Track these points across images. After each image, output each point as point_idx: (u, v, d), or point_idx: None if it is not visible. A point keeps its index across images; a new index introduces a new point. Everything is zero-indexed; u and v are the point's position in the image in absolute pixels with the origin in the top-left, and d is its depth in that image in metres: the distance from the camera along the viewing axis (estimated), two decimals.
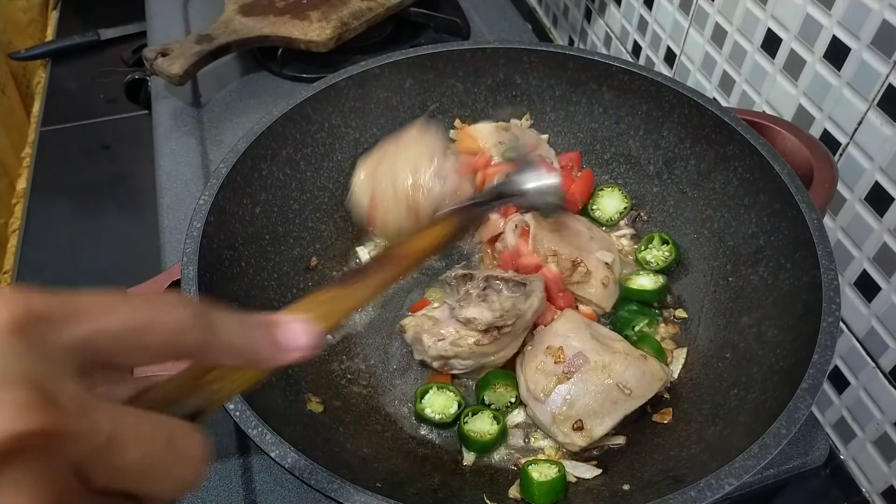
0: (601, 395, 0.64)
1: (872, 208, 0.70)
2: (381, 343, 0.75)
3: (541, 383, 0.65)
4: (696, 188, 0.79)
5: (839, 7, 0.69)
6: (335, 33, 1.11)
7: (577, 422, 0.63)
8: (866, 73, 0.67)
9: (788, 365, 0.59)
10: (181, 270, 0.62)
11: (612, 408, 0.64)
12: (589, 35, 1.22)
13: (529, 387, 0.66)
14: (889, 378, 0.72)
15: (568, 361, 0.65)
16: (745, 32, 0.83)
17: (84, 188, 1.19)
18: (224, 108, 1.11)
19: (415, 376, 0.73)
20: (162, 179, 1.00)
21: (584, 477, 0.63)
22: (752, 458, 0.51)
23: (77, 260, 1.08)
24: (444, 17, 1.24)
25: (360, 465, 0.62)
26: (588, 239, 0.77)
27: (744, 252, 0.73)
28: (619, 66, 0.81)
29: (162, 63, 1.04)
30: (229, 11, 1.15)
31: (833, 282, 0.60)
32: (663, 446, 0.64)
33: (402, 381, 0.72)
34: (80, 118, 1.31)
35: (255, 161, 0.74)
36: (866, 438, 0.76)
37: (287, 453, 0.52)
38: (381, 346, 0.75)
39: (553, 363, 0.65)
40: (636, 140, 0.84)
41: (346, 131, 0.85)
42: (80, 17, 1.57)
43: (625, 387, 0.64)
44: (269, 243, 0.76)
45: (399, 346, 0.75)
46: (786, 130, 0.73)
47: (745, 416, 0.59)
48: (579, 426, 0.63)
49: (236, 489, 0.69)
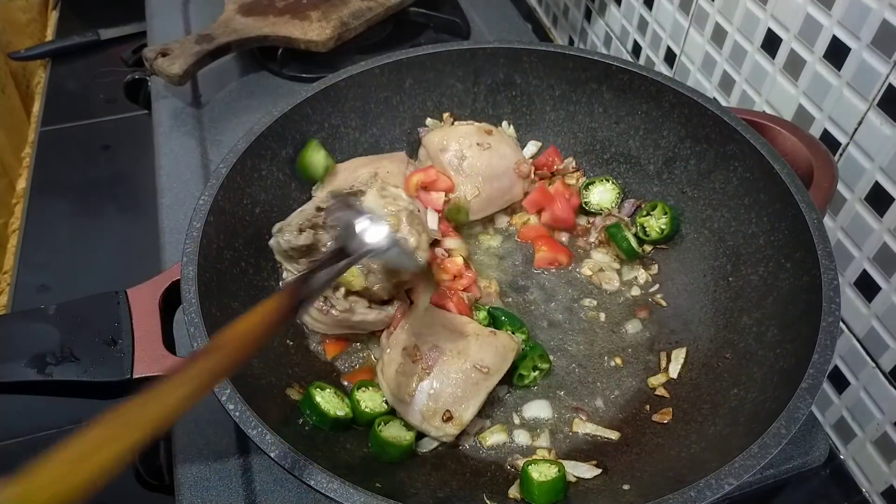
0: (462, 381, 0.65)
1: (872, 208, 0.70)
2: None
3: (403, 386, 0.65)
4: (696, 188, 0.79)
5: (839, 7, 0.69)
6: (335, 33, 1.11)
7: (445, 413, 0.64)
8: (866, 73, 0.67)
9: (788, 365, 0.59)
10: (181, 270, 0.62)
11: (474, 390, 0.65)
12: (589, 35, 1.22)
13: (393, 391, 0.66)
14: (889, 378, 0.72)
15: (425, 357, 0.66)
16: (745, 32, 0.83)
17: (84, 188, 1.19)
18: (224, 108, 1.11)
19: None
20: (162, 179, 1.00)
21: (584, 477, 0.63)
22: (752, 458, 0.51)
23: (77, 260, 1.08)
24: (444, 17, 1.24)
25: (360, 465, 0.62)
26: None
27: (744, 252, 0.73)
28: (619, 66, 0.81)
29: (162, 63, 1.04)
30: (229, 11, 1.15)
31: (833, 282, 0.60)
32: (663, 446, 0.64)
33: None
34: (80, 118, 1.31)
35: (255, 161, 0.74)
36: (866, 438, 0.76)
37: (287, 453, 0.52)
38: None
39: (411, 363, 0.66)
40: (636, 140, 0.84)
41: (346, 131, 0.85)
42: (80, 17, 1.57)
43: (482, 367, 0.65)
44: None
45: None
46: (786, 130, 0.73)
47: (745, 416, 0.59)
48: (448, 416, 0.64)
49: (236, 489, 0.69)
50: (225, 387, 0.55)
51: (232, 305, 0.66)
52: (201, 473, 0.70)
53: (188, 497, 0.68)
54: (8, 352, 0.59)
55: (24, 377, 0.58)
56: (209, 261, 0.65)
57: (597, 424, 0.69)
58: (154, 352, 0.61)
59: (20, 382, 0.58)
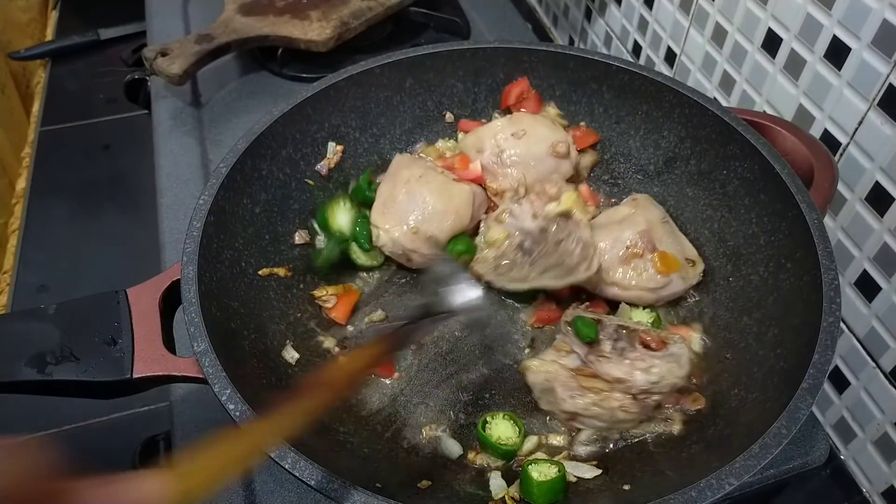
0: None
1: (873, 208, 0.70)
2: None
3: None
4: (696, 188, 0.79)
5: (839, 7, 0.69)
6: (335, 33, 1.11)
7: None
8: (867, 73, 0.67)
9: (789, 365, 0.59)
10: (181, 270, 0.62)
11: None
12: (589, 35, 1.22)
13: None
14: (889, 378, 0.72)
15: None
16: (745, 32, 0.83)
17: (84, 188, 1.19)
18: (224, 108, 1.11)
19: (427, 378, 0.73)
20: (162, 179, 1.00)
21: (584, 477, 0.63)
22: (753, 458, 0.51)
23: (77, 260, 1.08)
24: (444, 16, 1.24)
25: (360, 465, 0.62)
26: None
27: (744, 252, 0.73)
28: (619, 66, 0.81)
29: (162, 63, 1.04)
30: (229, 11, 1.15)
31: (833, 282, 0.60)
32: (663, 446, 0.64)
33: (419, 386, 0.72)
34: (80, 118, 1.31)
35: (255, 161, 0.74)
36: (867, 438, 0.76)
37: (287, 453, 0.51)
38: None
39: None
40: (636, 140, 0.84)
41: (346, 131, 0.85)
42: (80, 17, 1.57)
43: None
44: (269, 243, 0.76)
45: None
46: (786, 130, 0.73)
47: (745, 416, 0.59)
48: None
49: (236, 489, 0.69)
50: (225, 387, 0.55)
51: (232, 305, 0.66)
52: None
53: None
54: (8, 352, 0.59)
55: (24, 377, 0.58)
56: (209, 261, 0.65)
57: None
58: (154, 352, 0.61)
59: (20, 382, 0.58)
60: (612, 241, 0.74)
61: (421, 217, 0.76)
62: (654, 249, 0.73)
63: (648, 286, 0.72)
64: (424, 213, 0.76)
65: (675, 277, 0.73)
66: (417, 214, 0.76)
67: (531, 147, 0.81)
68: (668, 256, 0.73)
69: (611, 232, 0.75)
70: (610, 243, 0.74)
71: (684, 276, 0.73)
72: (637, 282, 0.72)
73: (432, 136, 0.90)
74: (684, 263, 0.73)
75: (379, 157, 0.88)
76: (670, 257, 0.73)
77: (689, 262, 0.74)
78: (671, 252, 0.73)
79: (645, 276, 0.72)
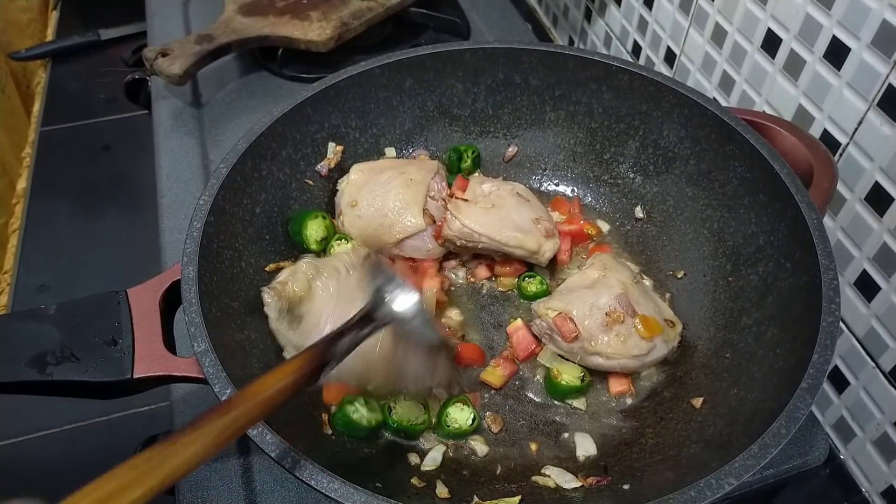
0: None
1: (872, 208, 0.70)
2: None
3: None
4: (696, 188, 0.79)
5: (839, 7, 0.69)
6: (335, 33, 1.11)
7: None
8: (866, 73, 0.67)
9: (788, 365, 0.59)
10: (181, 270, 0.62)
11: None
12: (589, 35, 1.22)
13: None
14: (889, 378, 0.72)
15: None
16: (745, 32, 0.83)
17: (84, 188, 1.19)
18: (224, 108, 1.11)
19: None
20: (162, 179, 1.00)
21: (566, 487, 0.63)
22: (752, 458, 0.51)
23: (77, 260, 1.08)
24: (444, 17, 1.24)
25: (360, 465, 0.63)
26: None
27: (744, 252, 0.73)
28: (619, 66, 0.81)
29: (162, 63, 1.04)
30: (229, 11, 1.15)
31: (833, 282, 0.60)
32: (663, 446, 0.64)
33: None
34: (80, 118, 1.31)
35: (255, 161, 0.74)
36: (866, 438, 0.76)
37: (287, 453, 0.52)
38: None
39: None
40: (636, 140, 0.84)
41: (346, 131, 0.85)
42: (80, 17, 1.57)
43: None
44: (269, 243, 0.76)
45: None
46: (786, 130, 0.73)
47: (745, 416, 0.59)
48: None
49: (236, 489, 0.69)
50: (225, 387, 0.55)
51: (232, 305, 0.66)
52: (201, 473, 0.70)
53: (188, 497, 0.68)
54: (8, 352, 0.59)
55: (24, 377, 0.58)
56: (209, 261, 0.65)
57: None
58: (154, 352, 0.61)
59: (20, 382, 0.58)
60: (589, 307, 0.69)
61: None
62: (635, 314, 0.69)
63: (633, 353, 0.68)
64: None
65: (658, 341, 0.69)
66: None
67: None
68: (650, 320, 0.69)
69: (584, 298, 0.70)
70: (587, 310, 0.69)
71: (666, 339, 0.70)
72: (621, 350, 0.68)
73: (432, 136, 0.90)
74: (664, 325, 0.70)
75: (379, 157, 0.88)
76: (651, 321, 0.69)
77: (669, 322, 0.71)
78: (650, 315, 0.70)
79: (630, 342, 0.68)
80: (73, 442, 0.87)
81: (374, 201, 0.78)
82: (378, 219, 0.78)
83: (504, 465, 0.67)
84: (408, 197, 0.78)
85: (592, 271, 0.74)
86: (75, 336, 0.61)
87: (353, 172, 0.82)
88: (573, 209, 0.87)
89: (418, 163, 0.84)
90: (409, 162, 0.85)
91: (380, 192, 0.79)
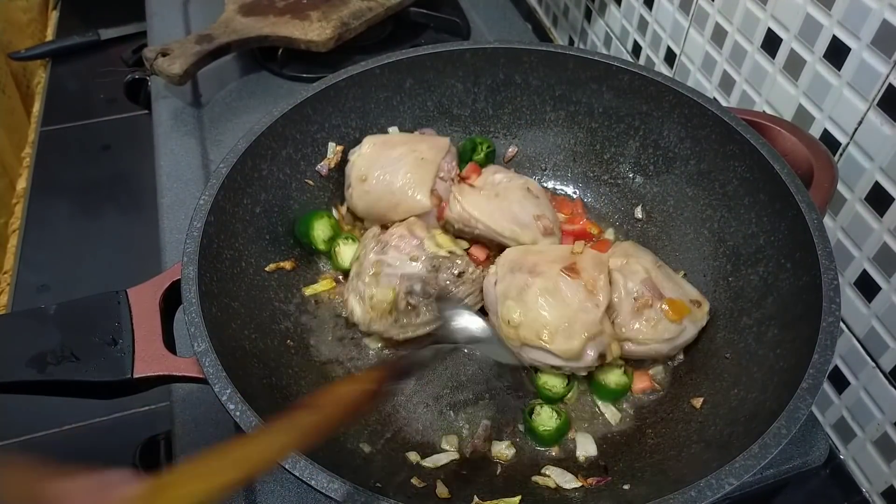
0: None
1: (872, 208, 0.70)
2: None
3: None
4: (696, 188, 0.79)
5: (839, 7, 0.69)
6: (335, 33, 1.11)
7: None
8: (866, 73, 0.67)
9: (788, 365, 0.59)
10: (181, 270, 0.62)
11: None
12: (589, 35, 1.22)
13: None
14: (889, 378, 0.72)
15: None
16: (745, 32, 0.83)
17: (84, 188, 1.19)
18: (224, 108, 1.11)
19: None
20: (162, 179, 1.00)
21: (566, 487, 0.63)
22: (752, 458, 0.51)
23: (77, 260, 1.08)
24: (444, 17, 1.24)
25: (360, 465, 0.63)
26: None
27: (744, 252, 0.73)
28: (619, 66, 0.81)
29: (162, 63, 1.04)
30: (229, 11, 1.15)
31: (833, 282, 0.60)
32: (663, 446, 0.64)
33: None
34: (80, 118, 1.31)
35: (255, 161, 0.75)
36: (866, 438, 0.76)
37: None
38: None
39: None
40: (636, 140, 0.84)
41: (346, 131, 0.85)
42: (80, 17, 1.57)
43: None
44: (269, 243, 0.76)
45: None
46: (786, 130, 0.73)
47: (745, 416, 0.59)
48: None
49: (236, 489, 0.69)
50: (225, 386, 0.55)
51: (232, 305, 0.67)
52: None
53: None
54: (8, 352, 0.59)
55: (24, 377, 0.58)
56: (209, 261, 0.65)
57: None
58: (154, 351, 0.61)
59: (20, 382, 0.58)
60: (616, 295, 0.71)
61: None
62: (662, 297, 0.70)
63: (664, 337, 0.69)
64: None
65: (686, 323, 0.70)
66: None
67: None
68: (677, 302, 0.70)
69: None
70: (614, 298, 0.70)
71: (694, 319, 0.70)
72: (653, 335, 0.69)
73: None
74: (691, 306, 0.71)
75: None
76: (678, 303, 0.70)
77: (695, 303, 0.71)
78: (676, 297, 0.70)
79: (660, 327, 0.69)
80: (73, 442, 0.87)
81: (384, 177, 0.79)
82: (386, 196, 0.79)
83: (504, 465, 0.67)
84: (417, 176, 0.79)
85: (615, 260, 0.74)
86: (75, 336, 0.61)
87: (366, 144, 0.82)
88: (576, 209, 0.87)
89: (431, 139, 0.84)
90: (421, 138, 0.85)
91: (390, 168, 0.79)
